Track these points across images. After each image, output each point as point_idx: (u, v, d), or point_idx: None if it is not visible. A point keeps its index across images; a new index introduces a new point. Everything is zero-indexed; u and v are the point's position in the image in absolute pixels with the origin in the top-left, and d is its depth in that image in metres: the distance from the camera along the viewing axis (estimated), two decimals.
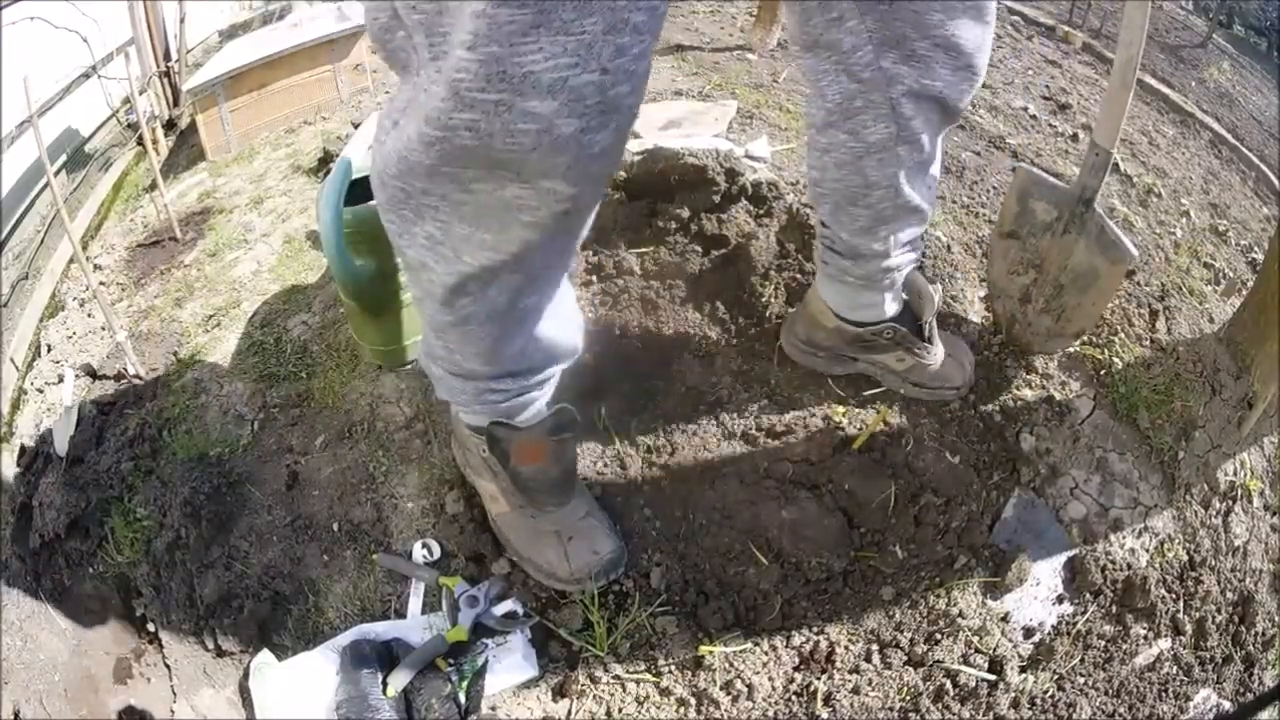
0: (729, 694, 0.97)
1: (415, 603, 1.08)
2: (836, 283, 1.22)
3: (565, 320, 0.95)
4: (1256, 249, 1.85)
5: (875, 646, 1.02)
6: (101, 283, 1.74)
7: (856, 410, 1.28)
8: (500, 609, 1.05)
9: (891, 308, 1.23)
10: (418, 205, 0.74)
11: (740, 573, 1.10)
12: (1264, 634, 1.09)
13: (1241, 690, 1.05)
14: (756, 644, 1.02)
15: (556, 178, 0.65)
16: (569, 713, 0.98)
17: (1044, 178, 1.24)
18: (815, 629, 1.04)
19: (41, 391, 1.49)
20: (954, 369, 1.28)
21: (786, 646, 1.03)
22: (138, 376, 1.43)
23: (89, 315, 1.65)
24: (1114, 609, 1.08)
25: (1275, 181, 2.14)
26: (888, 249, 1.13)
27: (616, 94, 0.61)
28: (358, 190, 1.22)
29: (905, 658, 1.01)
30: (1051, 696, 0.99)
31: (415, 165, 0.69)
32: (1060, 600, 1.08)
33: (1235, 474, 1.22)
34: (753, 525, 1.13)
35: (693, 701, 0.98)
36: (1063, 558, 1.12)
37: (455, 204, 0.72)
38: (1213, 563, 1.13)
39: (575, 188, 0.66)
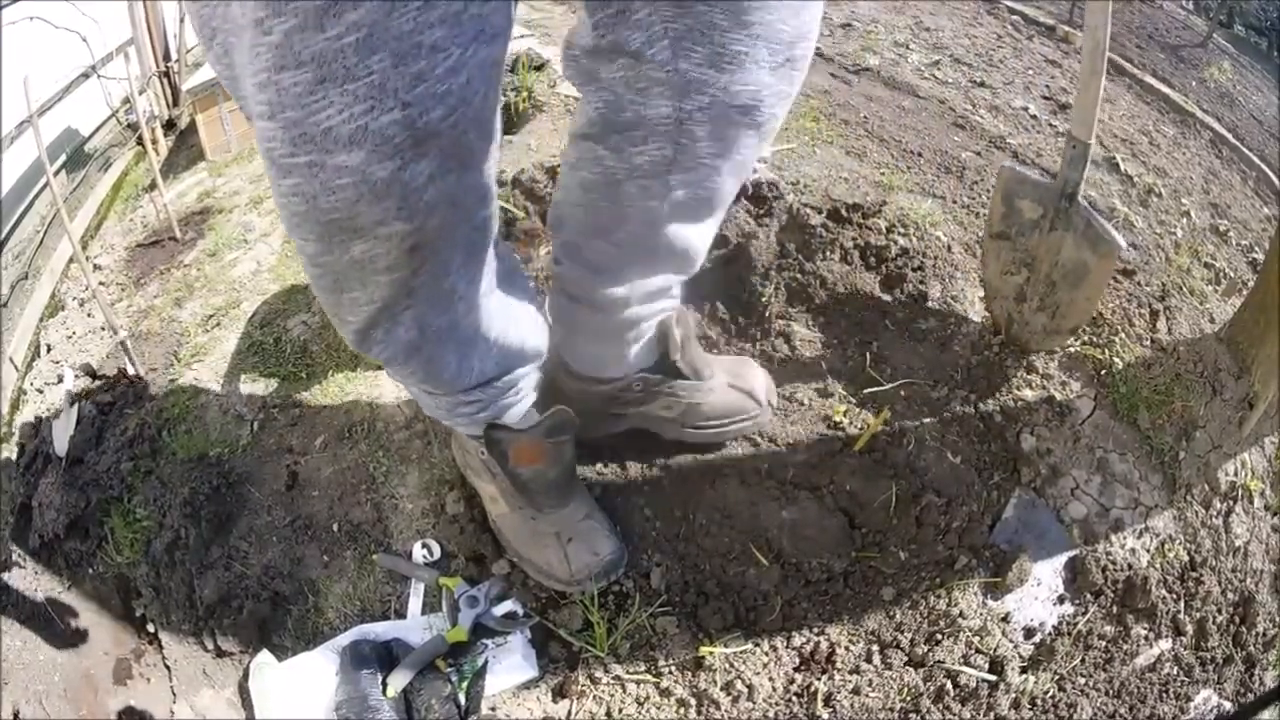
0: (729, 694, 0.97)
1: (415, 603, 1.08)
2: (571, 334, 1.04)
3: (507, 326, 0.88)
4: (1257, 249, 1.85)
5: (876, 647, 1.02)
6: (101, 283, 1.73)
7: (857, 410, 1.28)
8: (500, 609, 1.05)
9: (640, 359, 1.06)
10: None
11: (740, 573, 1.09)
12: (1265, 634, 1.09)
13: (1242, 691, 1.05)
14: (757, 644, 1.02)
15: (391, 221, 0.62)
16: (569, 713, 0.98)
17: (1027, 175, 1.24)
18: (816, 629, 1.04)
19: (41, 391, 1.49)
20: (739, 398, 1.13)
21: (787, 647, 1.03)
22: (137, 376, 1.43)
23: (89, 315, 1.65)
24: (1115, 609, 1.08)
25: (1276, 181, 2.14)
26: (628, 296, 0.94)
27: (428, 122, 0.57)
28: None
29: (906, 658, 1.01)
30: (1052, 697, 0.99)
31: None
32: (1061, 600, 1.08)
33: (1236, 474, 1.22)
34: (753, 526, 1.13)
35: (693, 702, 0.98)
36: (1063, 558, 1.11)
37: (314, 278, 0.71)
38: (1213, 563, 1.13)
39: (414, 223, 0.63)
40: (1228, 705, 1.02)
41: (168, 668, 1.08)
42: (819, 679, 0.99)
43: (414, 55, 0.54)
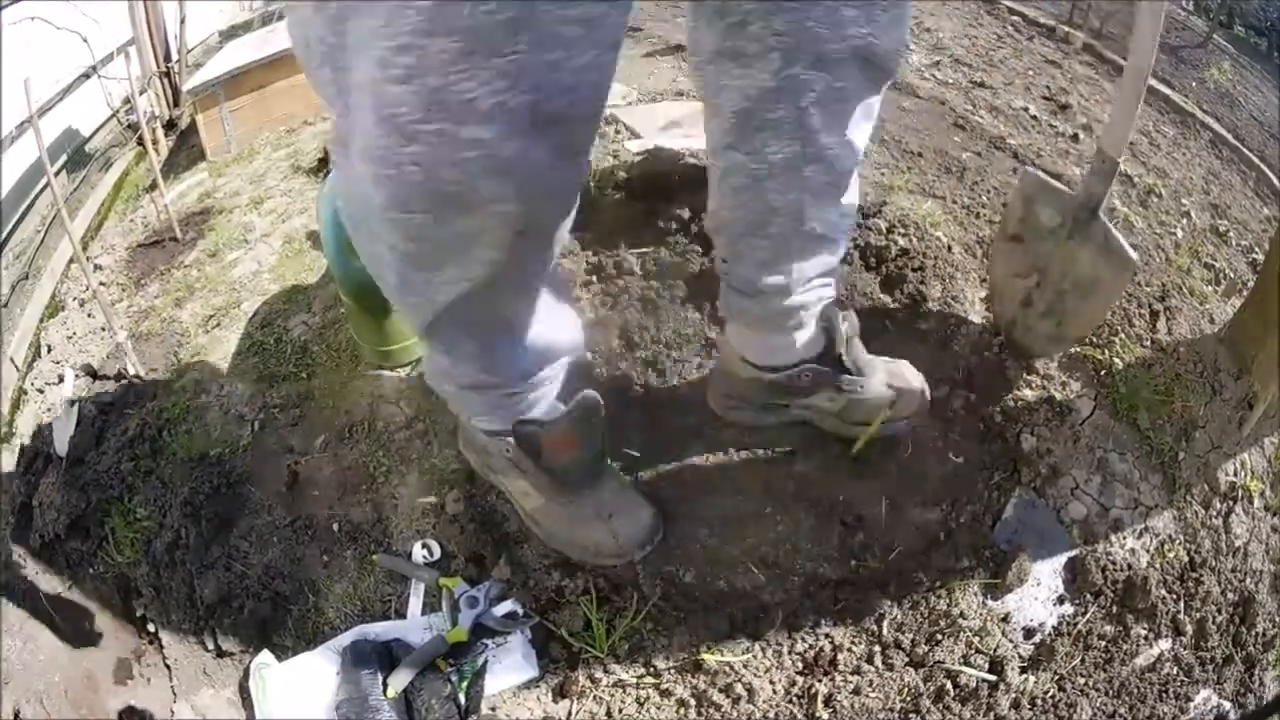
0: (729, 696, 0.97)
1: (415, 603, 1.08)
2: (740, 325, 1.12)
3: (559, 317, 0.95)
4: (1257, 249, 1.85)
5: (877, 647, 1.02)
6: (102, 283, 1.74)
7: None
8: (500, 609, 1.05)
9: (807, 348, 1.12)
10: (378, 254, 0.75)
11: (740, 581, 1.09)
12: (1264, 634, 1.09)
13: (1242, 691, 1.05)
14: (762, 649, 1.02)
15: (508, 200, 0.65)
16: (569, 713, 0.98)
17: (1050, 183, 1.24)
18: (817, 633, 1.04)
19: (42, 391, 1.49)
20: (893, 395, 1.17)
21: (790, 652, 1.02)
22: (138, 377, 1.43)
23: (89, 315, 1.65)
24: (1114, 609, 1.08)
25: (1276, 182, 2.14)
26: (789, 284, 1.03)
27: (553, 109, 0.60)
28: None
29: (906, 658, 1.01)
30: (1052, 697, 0.99)
31: (369, 206, 0.68)
32: (1061, 601, 1.08)
33: (1236, 474, 1.22)
34: (753, 534, 1.13)
35: (693, 703, 0.98)
36: (1063, 558, 1.12)
37: (409, 253, 0.73)
38: (1213, 563, 1.13)
39: (526, 205, 0.67)
40: (1227, 705, 1.02)
41: (168, 667, 1.08)
42: (820, 680, 0.99)
43: (552, 44, 0.57)
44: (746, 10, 0.81)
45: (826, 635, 1.03)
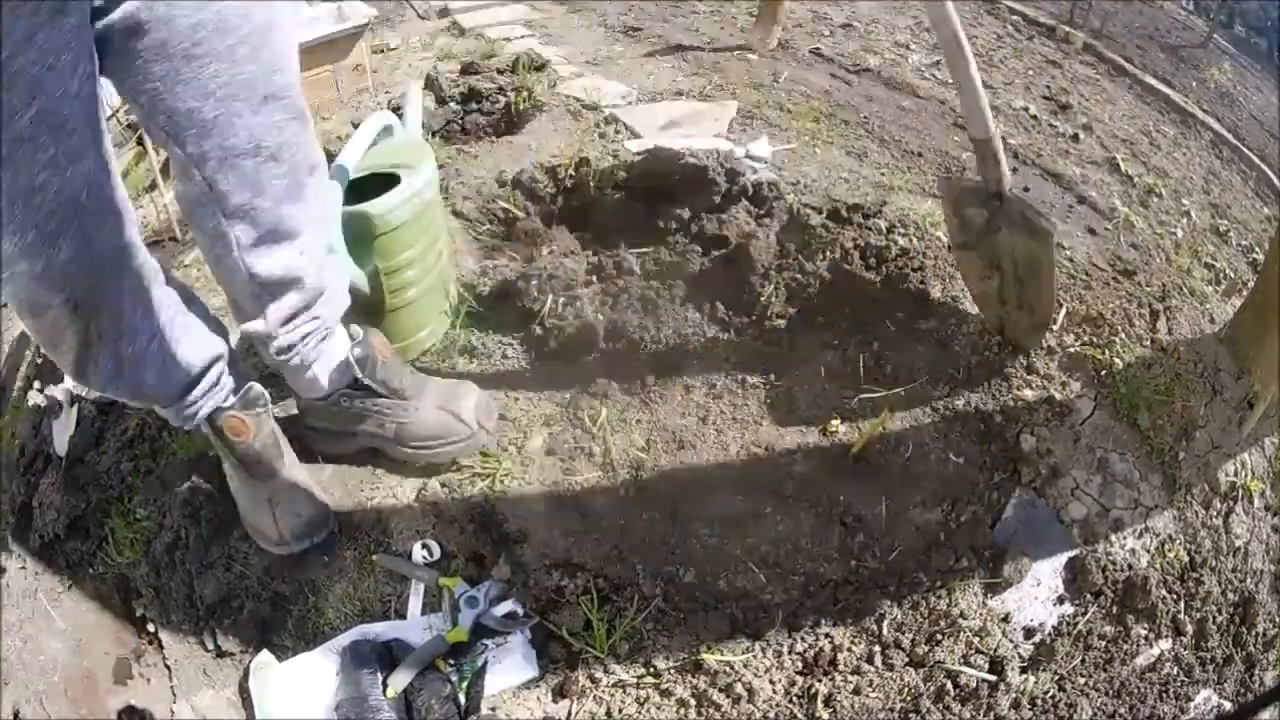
0: (729, 696, 0.97)
1: (415, 603, 1.08)
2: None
3: (188, 340, 1.00)
4: (1257, 249, 1.85)
5: (877, 647, 1.02)
6: None
7: (856, 413, 1.28)
8: (500, 609, 1.05)
9: (333, 380, 1.14)
10: None
11: (740, 582, 1.09)
12: (1265, 634, 1.09)
13: (1242, 690, 1.05)
14: (763, 649, 1.02)
15: (51, 295, 0.82)
16: (569, 713, 0.98)
17: (964, 184, 1.25)
18: (817, 633, 1.04)
19: (42, 391, 1.49)
20: (446, 419, 1.18)
21: (790, 652, 1.02)
22: None
23: None
24: (1115, 609, 1.08)
25: (1276, 181, 2.14)
26: (268, 329, 1.05)
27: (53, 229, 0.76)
28: (356, 191, 1.22)
29: (906, 658, 1.01)
30: (1052, 697, 0.99)
31: None
32: (1061, 601, 1.08)
33: (1236, 474, 1.22)
34: (753, 534, 1.13)
35: (693, 703, 0.97)
36: (1063, 558, 1.12)
37: (38, 341, 0.93)
38: (1213, 563, 1.13)
39: (65, 292, 0.82)
40: (1228, 705, 1.02)
41: (168, 667, 1.08)
42: (820, 680, 0.99)
43: (32, 194, 0.74)
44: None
45: (826, 635, 1.03)
